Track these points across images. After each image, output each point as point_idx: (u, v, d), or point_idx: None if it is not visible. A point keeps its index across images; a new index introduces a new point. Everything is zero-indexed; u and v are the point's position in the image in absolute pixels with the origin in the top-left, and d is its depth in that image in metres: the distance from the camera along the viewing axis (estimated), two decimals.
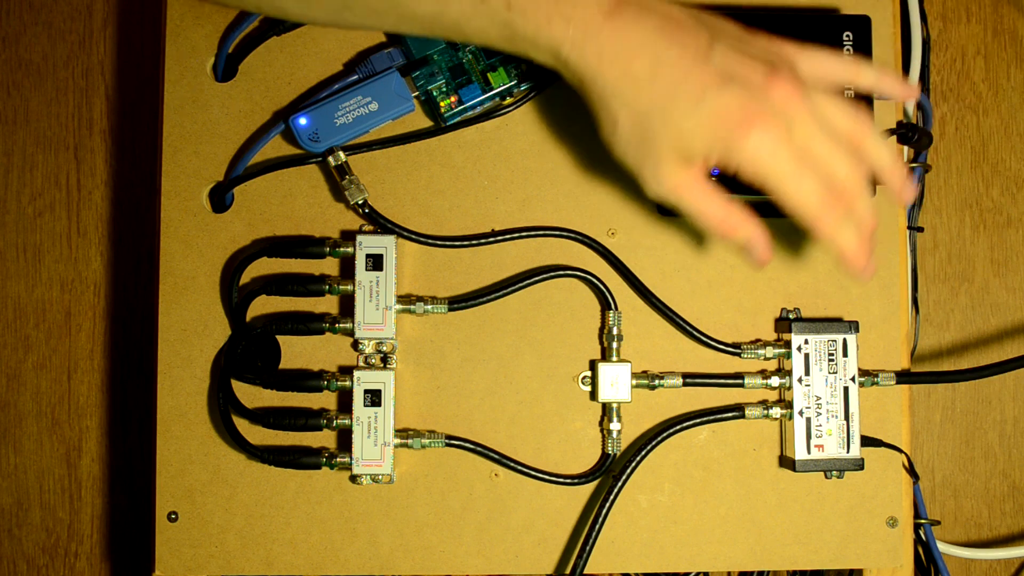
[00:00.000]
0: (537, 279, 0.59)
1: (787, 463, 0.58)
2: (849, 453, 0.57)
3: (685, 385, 0.59)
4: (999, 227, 0.77)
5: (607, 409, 0.59)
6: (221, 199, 0.59)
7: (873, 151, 0.48)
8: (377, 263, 0.57)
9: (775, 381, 0.58)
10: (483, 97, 0.58)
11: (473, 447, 0.58)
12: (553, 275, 0.59)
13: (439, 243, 0.59)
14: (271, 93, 0.60)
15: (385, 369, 0.58)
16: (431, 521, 0.59)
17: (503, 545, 0.59)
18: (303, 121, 0.57)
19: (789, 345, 0.58)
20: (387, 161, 0.60)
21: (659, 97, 0.45)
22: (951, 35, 0.78)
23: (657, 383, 0.58)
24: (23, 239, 0.75)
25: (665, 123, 0.45)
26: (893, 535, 0.59)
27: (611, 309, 0.59)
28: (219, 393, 0.57)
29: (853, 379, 0.58)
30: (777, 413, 0.58)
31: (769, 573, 0.62)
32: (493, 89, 0.58)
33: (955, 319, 0.77)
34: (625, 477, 0.57)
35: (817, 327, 0.58)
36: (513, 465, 0.58)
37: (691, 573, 0.60)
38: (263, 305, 0.59)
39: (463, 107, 0.58)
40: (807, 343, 0.58)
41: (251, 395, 0.59)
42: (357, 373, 0.57)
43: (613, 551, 0.59)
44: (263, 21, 0.60)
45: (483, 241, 0.59)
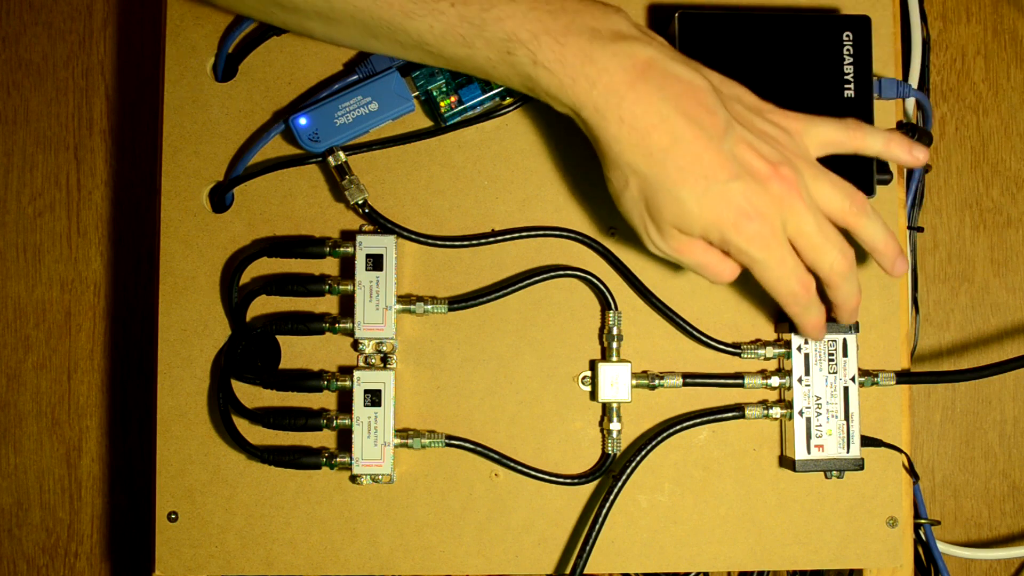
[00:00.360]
0: (537, 279, 0.59)
1: (787, 463, 0.58)
2: (849, 453, 0.57)
3: (685, 385, 0.59)
4: (999, 227, 0.77)
5: (607, 409, 0.59)
6: (221, 199, 0.59)
7: (867, 231, 0.51)
8: (377, 263, 0.57)
9: (775, 381, 0.58)
10: (483, 97, 0.58)
11: (473, 447, 0.58)
12: (553, 275, 0.59)
13: (439, 243, 0.59)
14: (271, 93, 0.60)
15: (385, 369, 0.58)
16: (431, 521, 0.59)
17: (503, 545, 0.59)
18: (303, 121, 0.57)
19: (789, 345, 0.58)
20: (387, 161, 0.60)
21: (670, 176, 0.47)
22: (951, 35, 0.78)
23: (657, 383, 0.58)
24: (23, 239, 0.75)
25: (671, 201, 0.48)
26: (893, 535, 0.59)
27: (611, 309, 0.59)
28: (219, 393, 0.57)
29: (853, 379, 0.58)
30: (777, 413, 0.58)
31: (769, 573, 0.62)
32: (493, 89, 0.58)
33: (955, 319, 0.77)
34: (625, 477, 0.57)
35: None
36: (513, 465, 0.58)
37: (691, 573, 0.60)
38: (263, 305, 0.59)
39: (463, 107, 0.58)
40: (807, 343, 0.58)
41: (251, 395, 0.59)
42: (357, 373, 0.57)
43: (613, 551, 0.59)
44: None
45: (483, 241, 0.59)
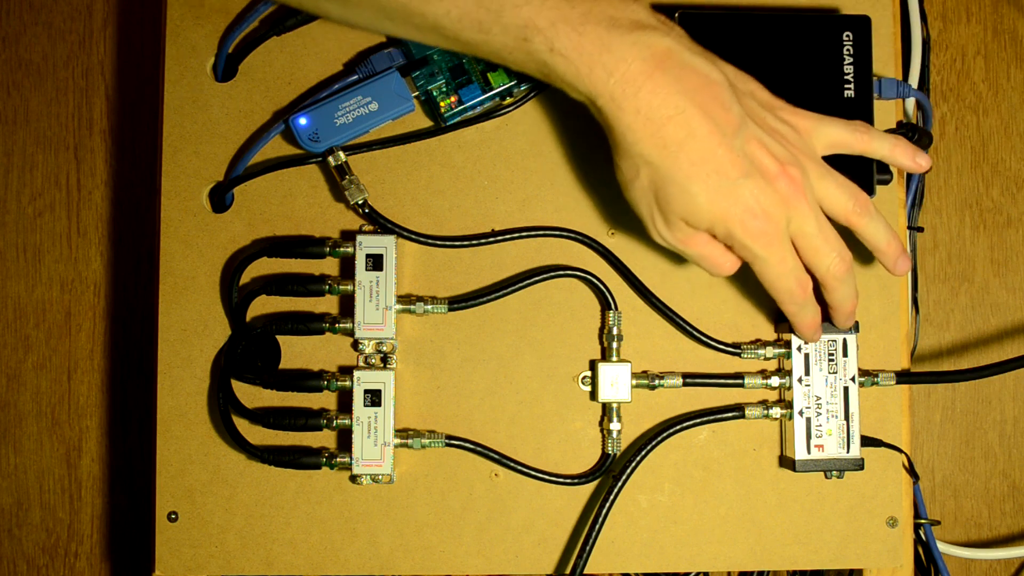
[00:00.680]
0: (537, 279, 0.59)
1: (787, 463, 0.58)
2: (849, 453, 0.57)
3: (685, 385, 0.59)
4: (999, 227, 0.77)
5: (607, 409, 0.59)
6: (221, 199, 0.59)
7: (869, 230, 0.52)
8: (377, 263, 0.57)
9: (775, 381, 0.58)
10: (483, 97, 0.58)
11: (473, 447, 0.58)
12: (553, 275, 0.59)
13: (439, 243, 0.59)
14: (271, 93, 0.60)
15: (385, 369, 0.58)
16: (431, 521, 0.59)
17: (503, 545, 0.59)
18: (303, 121, 0.57)
19: (789, 345, 0.58)
20: (387, 161, 0.60)
21: (682, 169, 0.47)
22: (951, 35, 0.78)
23: (657, 383, 0.58)
24: (23, 239, 0.75)
25: (681, 194, 0.48)
26: (893, 535, 0.59)
27: (611, 309, 0.59)
28: (219, 393, 0.57)
29: (853, 379, 0.58)
30: (777, 413, 0.58)
31: (769, 573, 0.62)
32: (493, 89, 0.58)
33: (955, 319, 0.77)
34: (625, 477, 0.57)
35: None
36: (513, 465, 0.58)
37: (691, 573, 0.60)
38: (263, 305, 0.59)
39: (463, 107, 0.58)
40: (807, 343, 0.58)
41: (251, 395, 0.59)
42: (357, 373, 0.57)
43: (613, 551, 0.59)
44: (263, 21, 0.60)
45: (483, 241, 0.59)
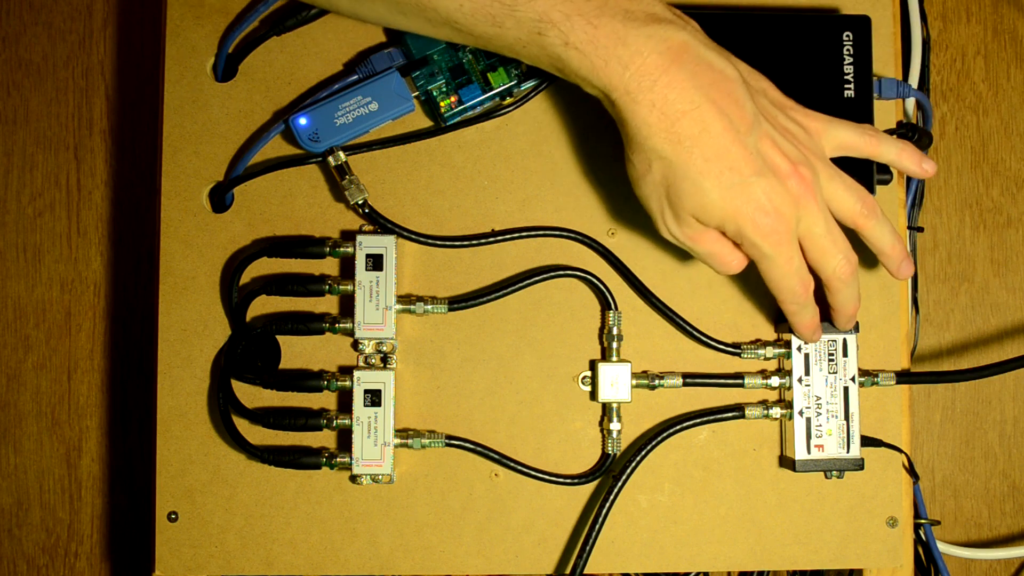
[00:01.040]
0: (537, 279, 0.59)
1: (787, 463, 0.58)
2: (849, 453, 0.57)
3: (685, 385, 0.59)
4: (999, 227, 0.77)
5: (607, 409, 0.59)
6: (221, 199, 0.59)
7: (875, 232, 0.52)
8: (377, 263, 0.57)
9: (775, 381, 0.58)
10: (483, 97, 0.58)
11: (473, 447, 0.58)
12: (553, 275, 0.59)
13: (439, 243, 0.59)
14: (271, 93, 0.60)
15: (385, 369, 0.58)
16: (431, 521, 0.59)
17: (503, 545, 0.59)
18: (303, 121, 0.57)
19: (789, 345, 0.58)
20: (387, 161, 0.60)
21: (695, 165, 0.47)
22: (951, 35, 0.78)
23: (657, 383, 0.58)
24: (23, 239, 0.75)
25: (693, 190, 0.48)
26: (893, 535, 0.59)
27: (611, 309, 0.59)
28: (219, 393, 0.57)
29: (853, 379, 0.58)
30: (777, 413, 0.58)
31: (769, 573, 0.62)
32: (493, 89, 0.58)
33: (955, 319, 0.77)
34: (625, 477, 0.57)
35: None
36: (513, 465, 0.58)
37: (691, 573, 0.60)
38: (263, 305, 0.59)
39: (463, 107, 0.58)
40: (806, 343, 0.58)
41: (251, 395, 0.59)
42: (357, 373, 0.57)
43: (613, 551, 0.59)
44: (263, 21, 0.60)
45: (483, 241, 0.59)
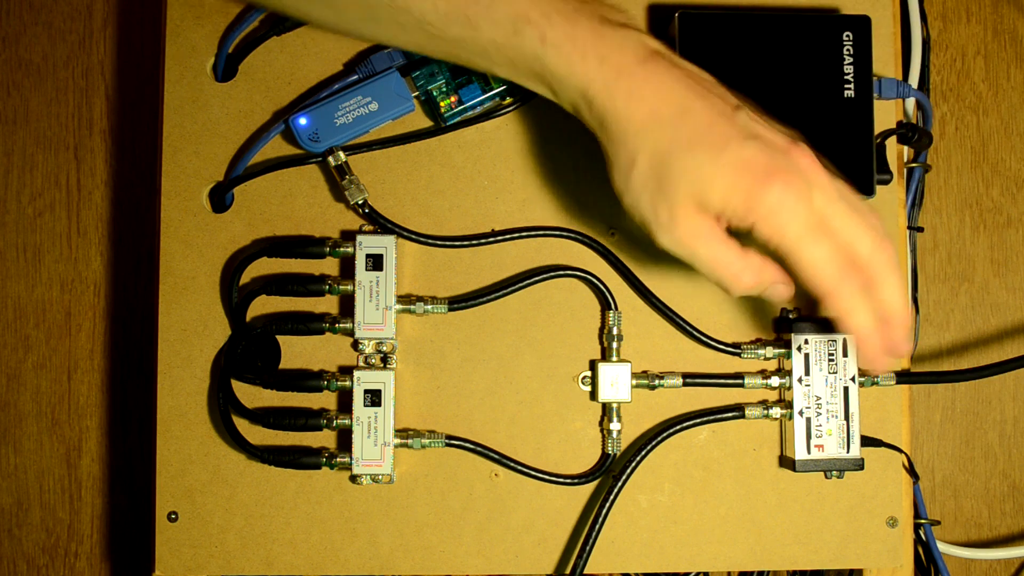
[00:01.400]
0: (537, 279, 0.59)
1: (787, 463, 0.58)
2: (849, 453, 0.57)
3: (685, 385, 0.59)
4: (999, 227, 0.77)
5: (607, 409, 0.59)
6: (221, 199, 0.59)
7: (856, 236, 0.46)
8: (377, 263, 0.57)
9: (775, 381, 0.58)
10: (483, 97, 0.58)
11: (473, 447, 0.58)
12: (553, 275, 0.59)
13: (439, 243, 0.59)
14: (271, 93, 0.60)
15: (385, 369, 0.58)
16: (431, 521, 0.59)
17: (503, 545, 0.59)
18: (303, 121, 0.57)
19: (789, 345, 0.58)
20: (387, 161, 0.60)
21: (683, 139, 0.44)
22: (951, 35, 0.78)
23: (657, 383, 0.58)
24: (23, 239, 0.75)
25: (685, 166, 0.44)
26: (893, 535, 0.59)
27: (611, 309, 0.59)
28: (219, 393, 0.57)
29: (853, 379, 0.58)
30: (777, 413, 0.58)
31: (769, 573, 0.62)
32: (493, 89, 0.58)
33: (955, 319, 0.77)
34: (625, 477, 0.57)
35: (817, 327, 0.58)
36: (513, 465, 0.58)
37: (691, 573, 0.60)
38: (263, 305, 0.59)
39: (463, 107, 0.58)
40: (807, 343, 0.58)
41: (251, 395, 0.59)
42: (357, 373, 0.57)
43: (613, 551, 0.59)
44: (263, 21, 0.60)
45: (483, 241, 0.59)
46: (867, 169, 0.56)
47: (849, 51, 0.57)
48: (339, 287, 0.58)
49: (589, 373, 0.59)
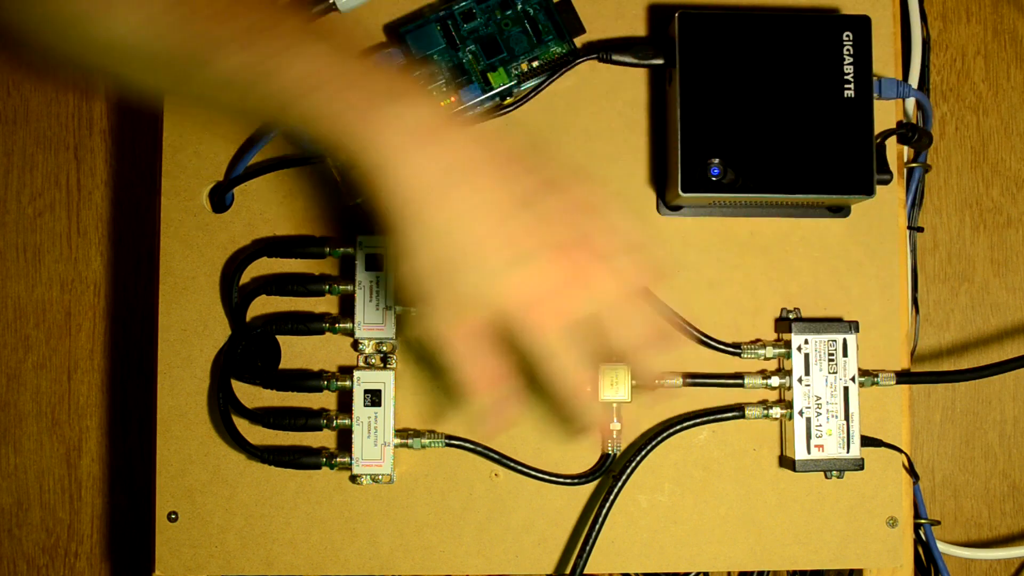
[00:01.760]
0: None
1: (787, 463, 0.58)
2: (849, 453, 0.57)
3: (685, 385, 0.59)
4: (999, 227, 0.77)
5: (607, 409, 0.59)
6: (221, 199, 0.59)
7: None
8: (377, 263, 0.57)
9: (775, 381, 0.58)
10: (483, 97, 0.58)
11: (473, 447, 0.58)
12: None
13: None
14: None
15: (385, 369, 0.58)
16: (431, 521, 0.59)
17: (503, 545, 0.59)
18: None
19: (789, 345, 0.58)
20: None
21: (462, 245, 0.43)
22: (951, 35, 0.78)
23: (657, 383, 0.58)
24: (23, 239, 0.75)
25: (454, 278, 0.44)
26: (893, 535, 0.59)
27: None
28: (219, 393, 0.57)
29: (853, 379, 0.58)
30: (777, 413, 0.58)
31: (769, 573, 0.62)
32: (493, 89, 0.58)
33: (955, 319, 0.77)
34: (625, 477, 0.57)
35: (817, 327, 0.58)
36: (513, 465, 0.58)
37: (691, 573, 0.60)
38: (263, 305, 0.59)
39: (463, 107, 0.58)
40: (807, 343, 0.58)
41: (251, 395, 0.59)
42: (357, 373, 0.57)
43: (613, 551, 0.59)
44: None
45: None
46: (867, 169, 0.56)
47: (849, 51, 0.57)
48: (339, 287, 0.57)
49: None
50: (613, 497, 0.57)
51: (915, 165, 0.67)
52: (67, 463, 0.74)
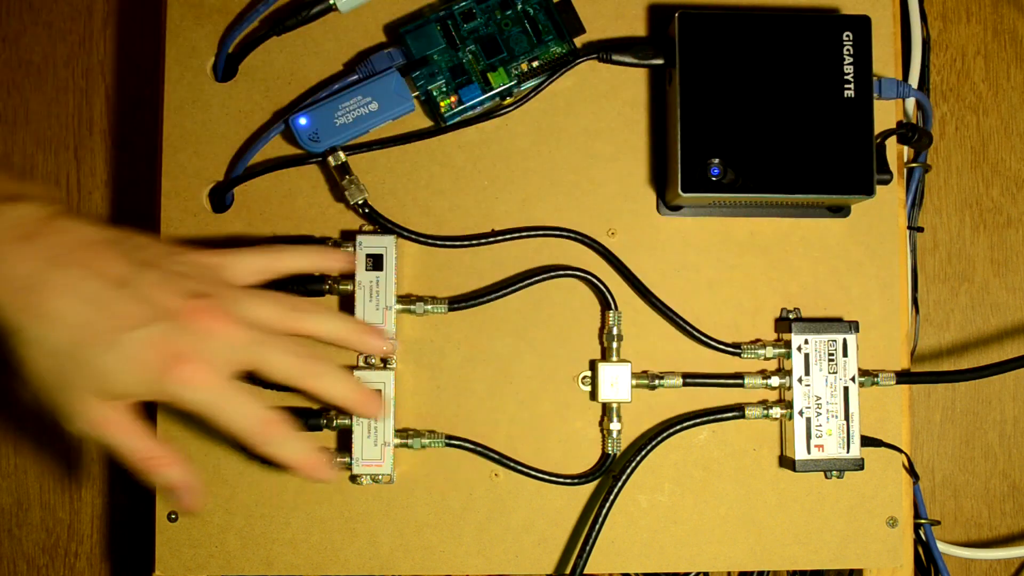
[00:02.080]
0: (537, 279, 0.59)
1: (787, 463, 0.58)
2: (849, 453, 0.57)
3: (685, 385, 0.59)
4: (999, 227, 0.77)
5: (607, 409, 0.59)
6: (221, 199, 0.59)
7: (317, 327, 0.50)
8: (377, 263, 0.57)
9: (775, 381, 0.58)
10: (483, 97, 0.58)
11: (473, 447, 0.58)
12: (553, 275, 0.59)
13: (439, 243, 0.59)
14: (271, 93, 0.60)
15: (385, 369, 0.58)
16: (431, 521, 0.59)
17: (503, 545, 0.59)
18: (303, 121, 0.57)
19: (789, 345, 0.58)
20: (387, 161, 0.60)
21: (73, 337, 0.43)
22: (951, 35, 0.78)
23: (657, 383, 0.58)
24: None
25: (80, 365, 0.44)
26: (893, 535, 0.59)
27: (611, 309, 0.59)
28: None
29: (853, 379, 0.58)
30: (777, 413, 0.58)
31: (769, 573, 0.62)
32: (493, 89, 0.58)
33: (955, 319, 0.77)
34: (625, 477, 0.57)
35: (817, 327, 0.58)
36: (513, 465, 0.58)
37: (691, 573, 0.60)
38: None
39: (463, 107, 0.58)
40: (807, 343, 0.58)
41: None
42: (357, 373, 0.57)
43: (613, 551, 0.59)
44: (263, 21, 0.60)
45: (483, 241, 0.59)
46: (867, 169, 0.56)
47: (849, 51, 0.57)
48: (339, 287, 0.57)
49: (589, 373, 0.59)
50: (613, 497, 0.57)
51: (915, 165, 0.67)
52: (67, 463, 0.74)
